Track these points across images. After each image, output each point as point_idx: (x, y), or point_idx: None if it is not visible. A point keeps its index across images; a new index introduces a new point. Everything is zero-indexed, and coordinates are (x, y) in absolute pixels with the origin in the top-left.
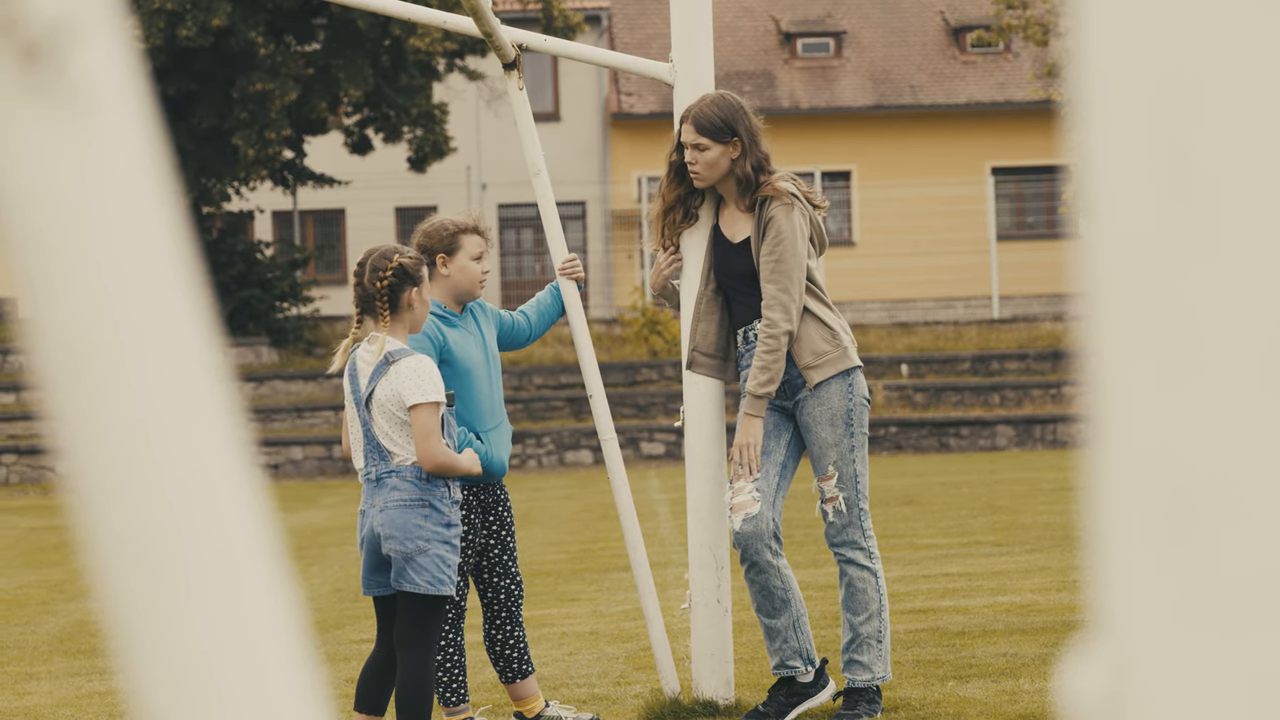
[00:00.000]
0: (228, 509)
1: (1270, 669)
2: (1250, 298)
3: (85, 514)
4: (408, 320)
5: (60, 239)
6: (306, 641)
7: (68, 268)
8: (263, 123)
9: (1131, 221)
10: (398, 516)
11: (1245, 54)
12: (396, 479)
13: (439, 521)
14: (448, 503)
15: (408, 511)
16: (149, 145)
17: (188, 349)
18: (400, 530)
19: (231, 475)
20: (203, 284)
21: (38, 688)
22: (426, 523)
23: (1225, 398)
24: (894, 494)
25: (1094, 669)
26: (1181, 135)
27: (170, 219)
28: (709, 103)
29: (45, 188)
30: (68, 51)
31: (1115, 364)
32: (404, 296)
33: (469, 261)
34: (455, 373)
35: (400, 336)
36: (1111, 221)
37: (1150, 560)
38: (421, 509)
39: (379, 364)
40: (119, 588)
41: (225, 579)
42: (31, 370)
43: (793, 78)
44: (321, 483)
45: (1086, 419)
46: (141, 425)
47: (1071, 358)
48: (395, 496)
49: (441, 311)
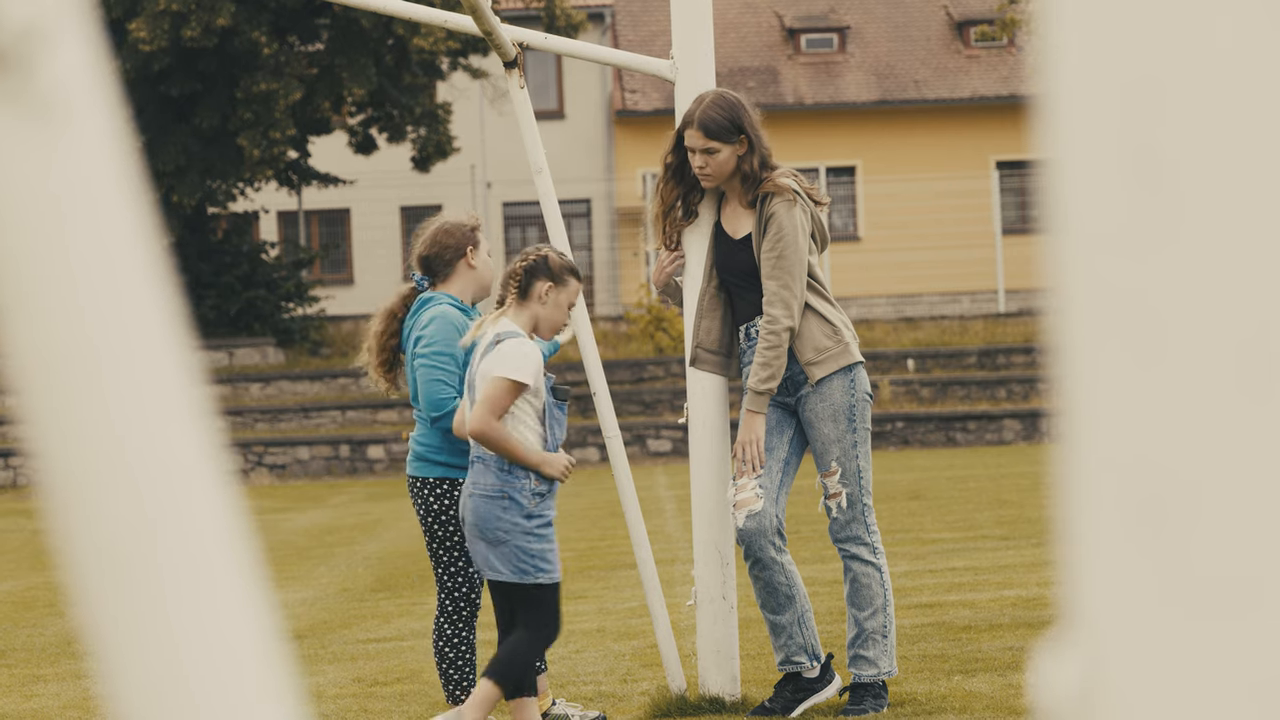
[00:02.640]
0: (203, 514)
1: (1242, 659)
2: (1218, 288)
3: (61, 520)
4: (534, 312)
5: (32, 246)
6: (284, 645)
7: (40, 274)
8: (267, 123)
9: (1099, 213)
10: (480, 506)
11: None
12: (482, 465)
13: (518, 513)
14: (527, 494)
15: (488, 503)
16: (121, 151)
17: (162, 354)
18: (481, 520)
19: (207, 480)
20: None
21: (44, 690)
22: (505, 515)
23: (1195, 388)
24: (900, 488)
25: (1068, 663)
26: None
27: (143, 224)
28: (710, 104)
29: (15, 195)
30: (38, 58)
31: (1085, 356)
32: (536, 287)
33: (486, 256)
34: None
35: (521, 324)
36: (1079, 213)
37: (1121, 552)
38: (500, 501)
39: (489, 343)
40: (95, 594)
41: (201, 584)
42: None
43: (797, 73)
44: (328, 482)
45: (1058, 411)
46: (115, 431)
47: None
48: (480, 484)
49: (462, 307)
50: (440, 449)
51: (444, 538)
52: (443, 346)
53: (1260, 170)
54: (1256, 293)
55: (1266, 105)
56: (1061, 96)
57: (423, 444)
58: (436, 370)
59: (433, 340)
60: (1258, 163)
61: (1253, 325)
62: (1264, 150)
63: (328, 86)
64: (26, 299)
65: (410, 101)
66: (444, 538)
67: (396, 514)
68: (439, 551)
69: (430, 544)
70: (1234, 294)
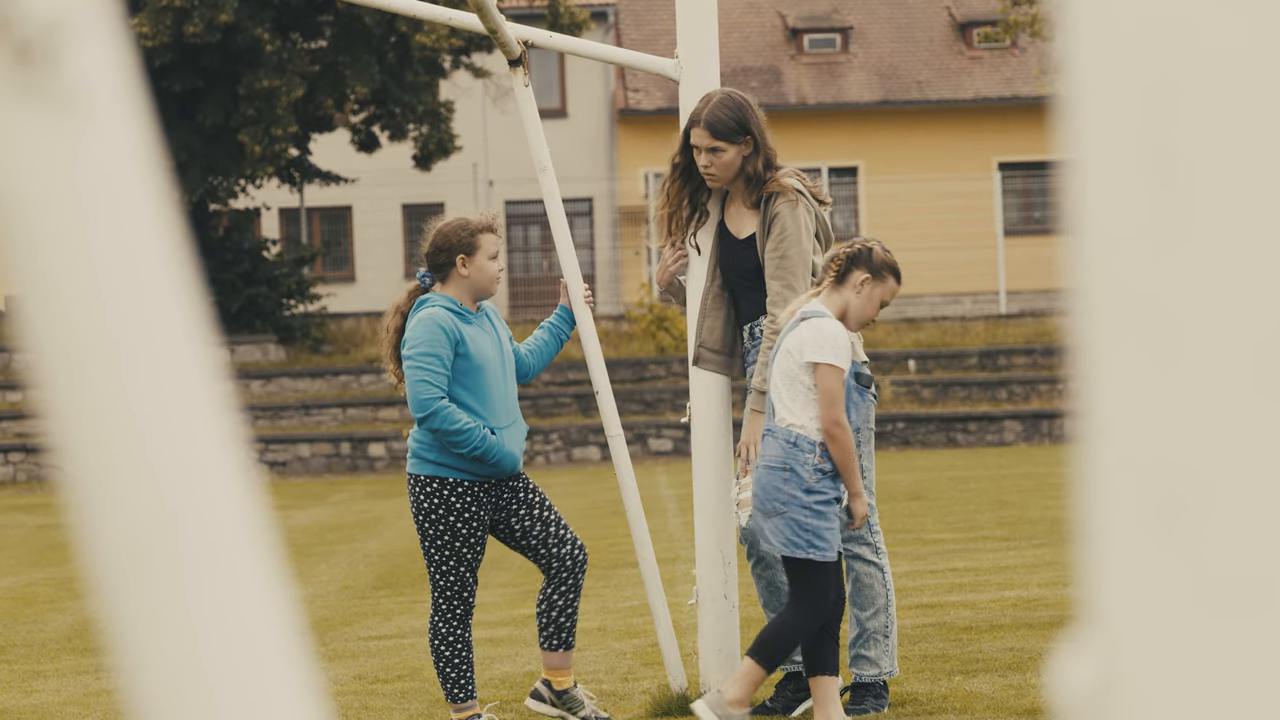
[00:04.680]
0: (223, 508)
1: (1262, 657)
2: (1236, 288)
3: (81, 513)
4: (845, 299)
5: (55, 239)
6: (303, 639)
7: (62, 268)
8: (269, 120)
9: (1117, 214)
10: (762, 477)
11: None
12: (771, 438)
13: (798, 486)
14: (810, 469)
15: (770, 473)
16: (144, 145)
17: (183, 348)
18: (763, 490)
19: (227, 474)
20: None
21: (45, 686)
22: (784, 486)
23: (1213, 388)
24: (901, 489)
25: (1085, 662)
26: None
27: (165, 218)
28: (717, 104)
29: (40, 188)
30: (62, 51)
31: (1103, 356)
32: (853, 275)
33: (487, 261)
34: (470, 367)
35: (831, 306)
36: (1097, 214)
37: (1140, 551)
38: (782, 472)
39: (794, 320)
40: (115, 587)
41: (221, 577)
42: (32, 369)
43: (799, 73)
44: (329, 480)
45: (1077, 412)
46: (136, 425)
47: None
48: (766, 455)
49: (457, 308)
50: (432, 446)
51: (435, 536)
52: (426, 348)
53: (1278, 171)
54: (1274, 292)
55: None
56: (1080, 97)
57: (417, 441)
58: (420, 371)
59: (416, 342)
60: (1275, 163)
61: (1270, 325)
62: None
63: (330, 84)
64: (48, 292)
65: (413, 99)
66: (435, 536)
67: (397, 512)
68: (430, 550)
69: (422, 542)
70: (1252, 294)
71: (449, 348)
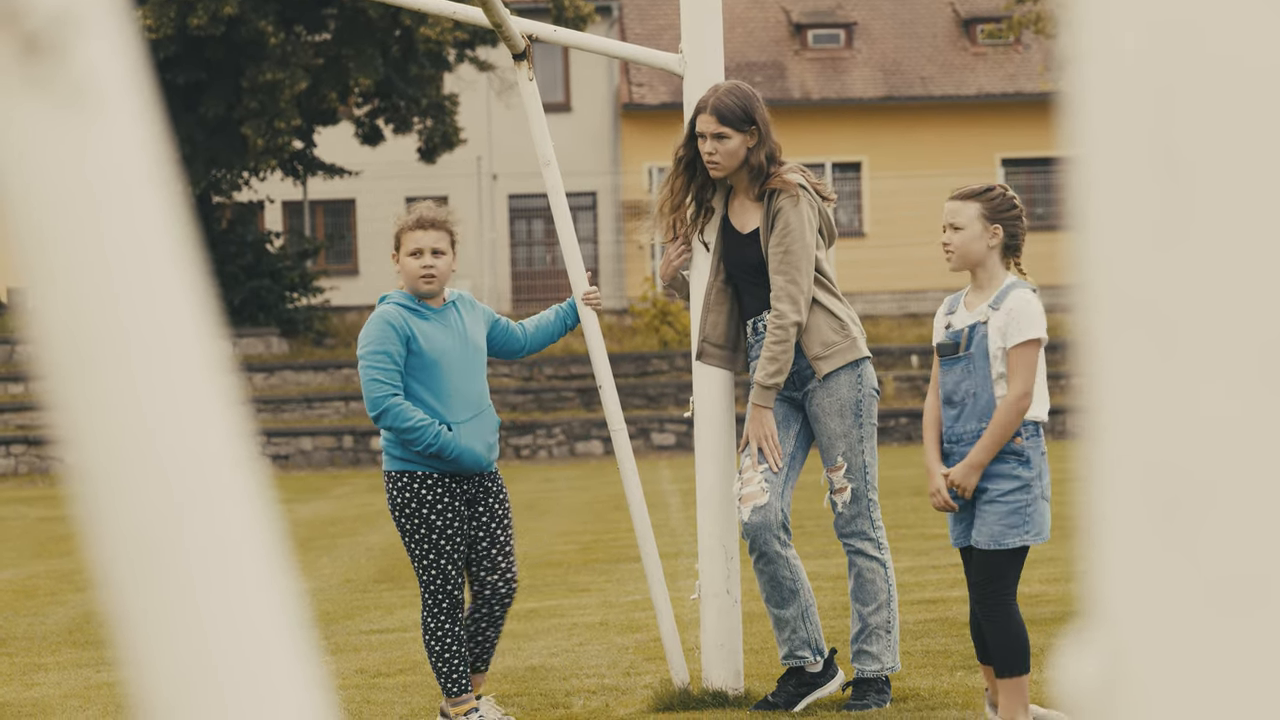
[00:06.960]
0: (230, 500)
1: (1266, 655)
2: (1242, 286)
3: (88, 505)
4: None
5: (63, 232)
6: (309, 632)
7: (71, 260)
8: (273, 112)
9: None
10: None
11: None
12: None
13: None
14: None
15: None
16: (151, 138)
17: (191, 341)
18: None
19: (234, 467)
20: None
21: (45, 679)
22: None
23: (1218, 386)
24: (904, 484)
25: (1090, 657)
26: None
27: (173, 212)
28: (725, 92)
29: (48, 181)
30: (70, 44)
31: (1109, 354)
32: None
33: (406, 258)
34: (424, 363)
35: None
36: (1103, 211)
37: (1145, 548)
38: None
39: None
40: (121, 579)
41: (228, 570)
42: (37, 361)
43: (803, 69)
44: (331, 473)
45: (1082, 408)
46: (144, 417)
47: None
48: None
49: (413, 304)
50: (399, 442)
51: (411, 531)
52: (375, 346)
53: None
54: (1278, 289)
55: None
56: (1084, 94)
57: (386, 439)
58: (371, 370)
59: (366, 341)
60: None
61: (1275, 323)
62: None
63: (334, 77)
64: (59, 284)
65: (417, 93)
66: (411, 531)
67: None
68: (410, 545)
69: (403, 539)
70: (1257, 292)
71: (399, 344)
